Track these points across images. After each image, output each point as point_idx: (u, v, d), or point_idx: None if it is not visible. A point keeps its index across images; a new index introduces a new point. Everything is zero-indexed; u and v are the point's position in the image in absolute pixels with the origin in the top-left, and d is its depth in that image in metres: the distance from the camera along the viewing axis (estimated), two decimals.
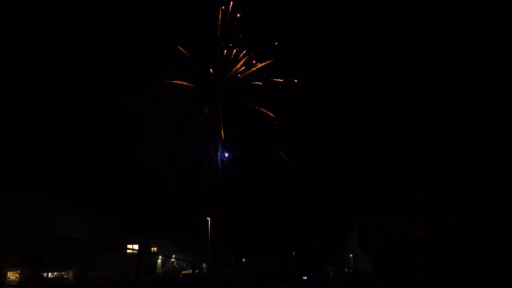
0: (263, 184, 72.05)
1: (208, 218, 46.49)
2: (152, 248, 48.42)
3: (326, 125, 72.01)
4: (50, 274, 31.09)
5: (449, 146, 56.85)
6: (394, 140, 62.84)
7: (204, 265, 48.05)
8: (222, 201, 66.70)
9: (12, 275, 27.81)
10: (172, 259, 52.34)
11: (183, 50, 61.25)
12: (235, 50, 62.62)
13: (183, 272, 40.19)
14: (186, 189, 66.47)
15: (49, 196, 39.03)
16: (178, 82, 62.12)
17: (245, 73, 64.04)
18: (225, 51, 62.67)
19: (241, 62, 63.35)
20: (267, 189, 72.38)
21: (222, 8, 60.15)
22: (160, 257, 49.06)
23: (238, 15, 61.09)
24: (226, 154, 69.22)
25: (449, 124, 57.80)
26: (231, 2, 60.15)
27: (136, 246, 43.54)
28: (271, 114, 66.31)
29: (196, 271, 30.20)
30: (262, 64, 63.24)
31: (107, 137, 58.58)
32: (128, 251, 41.09)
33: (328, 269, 43.35)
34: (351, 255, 46.53)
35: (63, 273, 32.60)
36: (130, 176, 59.97)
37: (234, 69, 64.04)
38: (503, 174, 46.53)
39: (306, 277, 34.52)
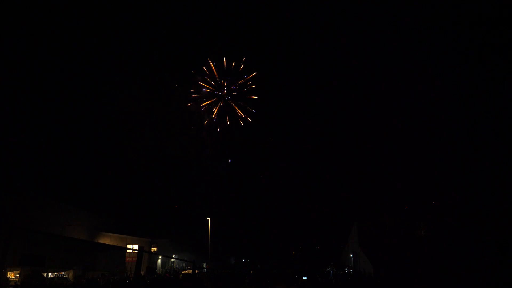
0: (263, 184, 72.12)
1: (208, 218, 46.48)
2: (152, 248, 48.40)
3: (326, 125, 72.06)
4: (50, 274, 31.09)
5: (449, 146, 56.89)
6: (394, 141, 62.90)
7: (204, 265, 48.05)
8: (222, 201, 66.77)
9: (12, 275, 27.82)
10: (172, 259, 52.33)
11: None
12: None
13: (183, 272, 40.21)
14: (186, 189, 66.51)
15: (49, 196, 39.04)
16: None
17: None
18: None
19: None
20: (267, 189, 72.47)
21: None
22: (160, 257, 49.04)
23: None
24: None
25: (449, 124, 57.84)
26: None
27: (136, 246, 43.56)
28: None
29: (196, 271, 30.22)
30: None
31: (107, 138, 58.63)
32: (128, 251, 41.10)
33: (328, 269, 43.31)
34: (351, 255, 46.51)
35: (63, 273, 32.60)
36: (130, 176, 59.98)
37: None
38: (503, 174, 46.54)
39: (306, 277, 34.50)
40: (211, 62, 63.84)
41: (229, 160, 69.00)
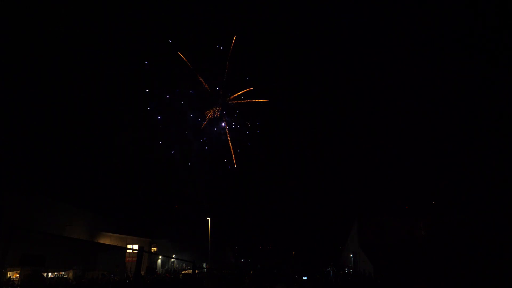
0: (264, 184, 72.15)
1: (208, 218, 46.48)
2: (152, 248, 48.43)
3: (326, 124, 72.07)
4: (50, 274, 31.07)
5: (449, 146, 56.88)
6: (394, 140, 62.90)
7: (204, 265, 48.07)
8: (221, 201, 66.81)
9: (12, 275, 27.83)
10: (172, 259, 52.35)
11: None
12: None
13: (183, 272, 40.25)
14: (186, 189, 66.53)
15: (49, 196, 38.97)
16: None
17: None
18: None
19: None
20: (268, 189, 72.50)
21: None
22: (160, 257, 49.07)
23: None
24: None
25: (449, 124, 57.85)
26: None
27: (136, 246, 43.57)
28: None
29: (196, 271, 30.23)
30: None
31: (107, 137, 58.65)
32: (128, 251, 41.11)
33: (328, 269, 43.32)
34: (351, 255, 46.52)
35: (63, 273, 32.60)
36: (130, 176, 60.03)
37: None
38: (503, 174, 46.54)
39: (306, 277, 34.50)
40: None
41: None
